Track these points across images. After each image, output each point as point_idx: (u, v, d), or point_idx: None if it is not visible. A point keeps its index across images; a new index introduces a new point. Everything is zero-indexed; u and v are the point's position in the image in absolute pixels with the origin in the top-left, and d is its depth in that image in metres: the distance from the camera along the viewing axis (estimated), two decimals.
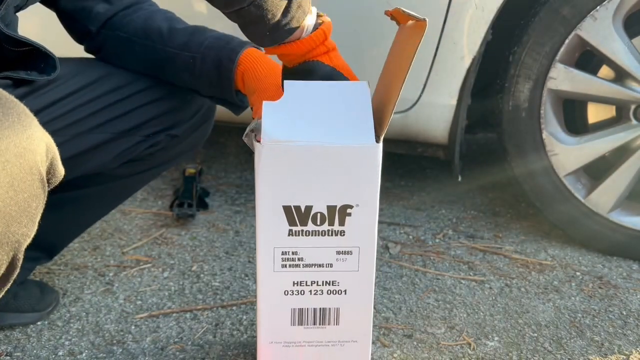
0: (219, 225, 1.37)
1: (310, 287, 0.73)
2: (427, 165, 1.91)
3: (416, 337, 0.95)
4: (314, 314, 0.75)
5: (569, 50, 1.17)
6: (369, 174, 0.69)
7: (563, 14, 1.15)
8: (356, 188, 0.69)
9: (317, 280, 0.73)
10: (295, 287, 0.73)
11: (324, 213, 0.69)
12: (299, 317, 0.75)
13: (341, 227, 0.70)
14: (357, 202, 0.69)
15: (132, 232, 1.32)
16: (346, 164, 0.68)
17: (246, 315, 1.00)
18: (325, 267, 0.72)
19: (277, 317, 0.75)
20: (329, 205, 0.69)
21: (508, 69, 1.23)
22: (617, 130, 1.20)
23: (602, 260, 1.24)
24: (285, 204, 0.70)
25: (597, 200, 1.22)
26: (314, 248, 0.71)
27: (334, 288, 0.74)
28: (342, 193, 0.69)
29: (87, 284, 1.09)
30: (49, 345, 0.90)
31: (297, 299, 0.74)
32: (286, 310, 0.74)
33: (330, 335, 0.76)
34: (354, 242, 0.71)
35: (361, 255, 0.72)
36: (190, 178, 1.48)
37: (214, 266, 1.18)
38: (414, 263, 1.21)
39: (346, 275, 0.73)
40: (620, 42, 1.13)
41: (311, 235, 0.71)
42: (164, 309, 1.01)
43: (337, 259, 0.72)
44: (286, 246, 0.71)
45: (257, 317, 0.75)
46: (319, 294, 0.74)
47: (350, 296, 0.74)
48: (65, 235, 1.02)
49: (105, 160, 0.87)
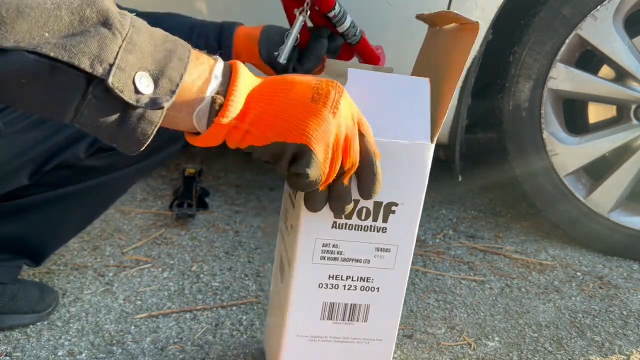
0: (218, 225, 1.37)
1: (345, 281, 0.72)
2: None
3: (416, 337, 0.95)
4: (344, 310, 0.74)
5: (569, 50, 1.17)
6: (418, 174, 0.68)
7: (563, 13, 1.15)
8: (403, 186, 0.68)
9: (353, 275, 0.72)
10: (330, 280, 0.72)
11: (369, 208, 0.68)
12: (330, 311, 0.74)
13: (384, 224, 0.69)
14: (402, 201, 0.68)
15: (131, 232, 1.32)
16: (397, 160, 0.66)
17: (246, 315, 1.00)
18: (362, 262, 0.71)
19: (307, 310, 0.73)
20: (375, 201, 0.68)
21: (508, 69, 1.23)
22: (617, 130, 1.20)
23: (602, 260, 1.24)
24: None
25: (598, 200, 1.22)
26: (355, 242, 0.70)
27: (368, 284, 0.73)
28: (389, 190, 0.67)
29: (87, 284, 1.09)
30: (48, 346, 0.90)
31: (330, 292, 0.73)
32: (318, 303, 0.73)
33: (357, 332, 0.75)
34: (394, 240, 0.70)
35: (399, 253, 0.71)
36: (190, 178, 1.48)
37: (213, 266, 1.17)
38: (414, 263, 1.20)
39: (381, 273, 0.72)
40: (621, 42, 1.13)
41: (354, 230, 0.69)
42: (164, 309, 1.01)
43: (375, 256, 0.71)
44: (328, 238, 0.70)
45: (285, 309, 0.74)
46: (352, 290, 0.73)
47: (382, 294, 0.73)
48: (51, 240, 0.98)
49: (68, 145, 0.83)
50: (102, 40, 0.44)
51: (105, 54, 0.44)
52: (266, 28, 0.96)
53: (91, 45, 0.43)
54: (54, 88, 0.44)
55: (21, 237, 0.92)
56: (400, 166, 0.67)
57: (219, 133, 0.52)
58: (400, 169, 0.67)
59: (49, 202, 0.91)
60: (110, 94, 0.45)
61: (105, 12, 0.45)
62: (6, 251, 0.92)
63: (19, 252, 0.93)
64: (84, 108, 0.45)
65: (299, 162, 0.53)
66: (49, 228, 0.94)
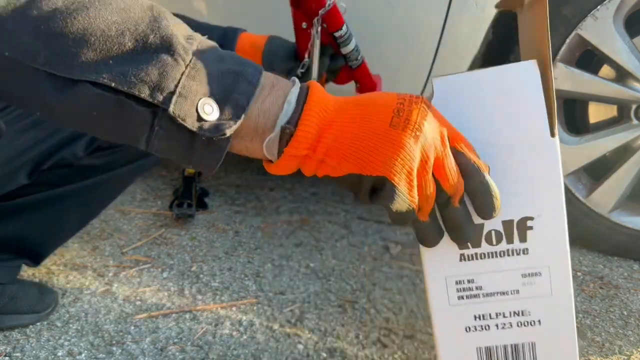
0: (218, 226, 1.37)
1: (496, 320, 0.62)
2: None
3: (417, 338, 0.95)
4: (505, 352, 0.63)
5: (569, 50, 1.17)
6: (549, 177, 0.57)
7: (564, 13, 1.14)
8: (535, 195, 0.57)
9: (503, 311, 0.62)
10: (477, 321, 0.62)
11: (499, 230, 0.58)
12: (488, 357, 0.64)
13: (523, 245, 0.59)
14: (539, 213, 0.57)
15: (131, 232, 1.32)
16: (518, 166, 0.57)
17: (246, 315, 0.99)
18: (510, 294, 0.61)
19: (461, 359, 0.64)
20: (504, 221, 0.58)
21: None
22: (618, 130, 1.20)
23: (602, 260, 1.24)
24: None
25: (598, 200, 1.22)
26: (494, 273, 0.60)
27: (525, 319, 0.62)
28: (517, 203, 0.57)
29: (87, 285, 1.08)
30: (48, 346, 0.90)
31: (482, 335, 0.63)
32: (471, 350, 0.63)
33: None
34: (542, 260, 0.59)
35: (553, 275, 0.60)
36: (190, 178, 1.48)
37: (213, 266, 1.17)
38: (415, 263, 1.20)
39: (538, 302, 0.61)
40: (621, 42, 1.13)
41: (487, 258, 0.60)
42: (164, 310, 1.00)
43: (524, 283, 0.60)
44: (460, 274, 0.60)
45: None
46: (508, 328, 0.62)
47: (545, 327, 0.62)
48: (50, 240, 0.98)
49: (67, 144, 0.83)
50: (163, 68, 0.43)
51: (165, 82, 0.43)
52: (271, 40, 0.95)
53: (152, 74, 0.43)
54: (122, 121, 0.45)
55: (20, 236, 0.92)
56: (524, 173, 0.57)
57: (291, 163, 0.49)
58: (525, 175, 0.57)
59: (47, 201, 0.91)
60: (175, 122, 0.44)
61: (169, 38, 0.44)
62: (5, 251, 0.92)
63: (18, 252, 0.93)
64: (153, 139, 0.45)
65: (381, 195, 0.50)
66: (48, 227, 0.94)
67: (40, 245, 0.96)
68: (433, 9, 1.19)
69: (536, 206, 0.57)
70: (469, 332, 0.63)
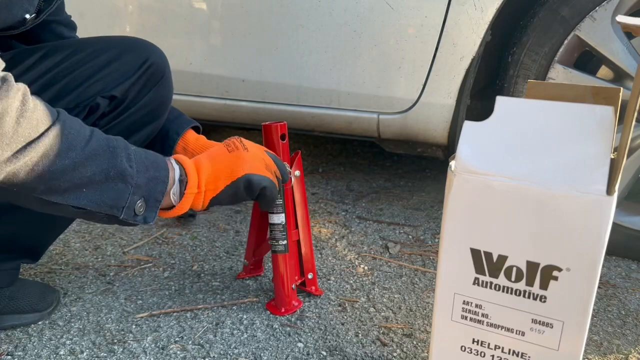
0: (219, 225, 1.37)
1: (494, 351, 0.62)
2: (427, 165, 1.92)
3: (416, 336, 0.95)
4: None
5: (568, 51, 1.18)
6: (591, 234, 0.52)
7: (562, 14, 1.15)
8: (570, 248, 0.53)
9: (503, 346, 0.61)
10: (475, 345, 0.62)
11: (521, 269, 0.56)
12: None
13: (542, 291, 0.56)
14: (569, 266, 0.54)
15: (132, 232, 1.32)
16: (561, 215, 0.53)
17: (246, 314, 1.00)
18: (514, 333, 0.60)
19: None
20: (529, 261, 0.56)
21: (507, 70, 1.23)
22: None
23: None
24: (475, 247, 0.59)
25: None
26: (503, 307, 0.59)
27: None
28: (549, 250, 0.54)
29: (88, 284, 1.09)
30: (50, 345, 0.90)
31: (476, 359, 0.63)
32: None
33: None
34: (557, 314, 0.57)
35: (564, 332, 0.57)
36: None
37: (214, 266, 1.18)
38: (414, 262, 1.21)
39: (541, 352, 0.59)
40: (619, 43, 1.13)
41: (501, 291, 0.58)
42: (165, 309, 1.01)
43: (532, 329, 0.59)
44: (469, 295, 0.60)
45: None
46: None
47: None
48: (45, 235, 0.98)
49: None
50: (118, 193, 0.71)
51: (119, 202, 0.71)
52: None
53: (112, 198, 0.71)
54: (96, 218, 0.73)
55: (15, 235, 0.92)
56: (565, 222, 0.53)
57: (187, 201, 0.80)
58: (565, 225, 0.53)
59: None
60: (119, 218, 0.73)
61: (122, 171, 0.70)
62: (4, 251, 0.92)
63: (16, 251, 0.93)
64: (107, 221, 0.75)
65: (252, 187, 0.84)
66: (42, 223, 0.94)
67: (37, 241, 0.96)
68: (432, 10, 1.20)
69: (568, 259, 0.54)
70: (463, 352, 0.63)
